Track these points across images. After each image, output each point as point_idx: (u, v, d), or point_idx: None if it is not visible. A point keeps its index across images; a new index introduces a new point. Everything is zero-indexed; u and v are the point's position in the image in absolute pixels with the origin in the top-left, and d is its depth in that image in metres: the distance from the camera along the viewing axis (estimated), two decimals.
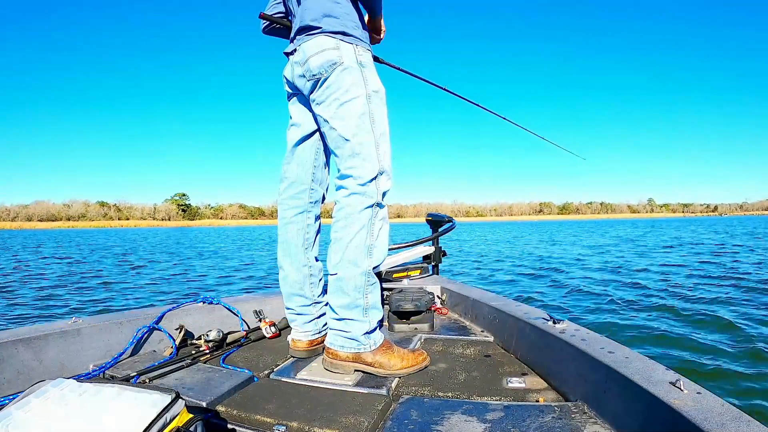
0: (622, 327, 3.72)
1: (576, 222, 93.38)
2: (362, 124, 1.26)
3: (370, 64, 1.32)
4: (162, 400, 0.78)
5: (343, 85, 1.26)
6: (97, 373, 1.30)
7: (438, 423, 0.95)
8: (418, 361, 1.30)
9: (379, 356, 1.26)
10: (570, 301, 5.05)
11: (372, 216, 1.27)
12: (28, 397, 0.77)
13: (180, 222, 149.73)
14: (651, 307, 4.48)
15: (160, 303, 5.26)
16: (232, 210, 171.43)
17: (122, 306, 5.36)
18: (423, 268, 2.49)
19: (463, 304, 1.93)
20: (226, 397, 1.12)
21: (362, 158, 1.26)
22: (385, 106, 1.33)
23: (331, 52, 1.26)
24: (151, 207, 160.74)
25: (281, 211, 1.49)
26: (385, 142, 1.31)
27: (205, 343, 1.48)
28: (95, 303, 5.58)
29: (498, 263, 9.89)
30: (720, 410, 0.70)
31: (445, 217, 2.62)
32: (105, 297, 6.05)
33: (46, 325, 1.36)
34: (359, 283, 1.25)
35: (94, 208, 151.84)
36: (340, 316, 1.27)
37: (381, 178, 1.28)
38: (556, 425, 0.91)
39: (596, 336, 1.13)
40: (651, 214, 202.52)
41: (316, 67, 1.27)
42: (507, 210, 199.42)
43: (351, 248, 1.25)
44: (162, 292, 6.50)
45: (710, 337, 3.32)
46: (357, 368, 1.27)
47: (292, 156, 1.46)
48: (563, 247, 14.87)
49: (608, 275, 7.14)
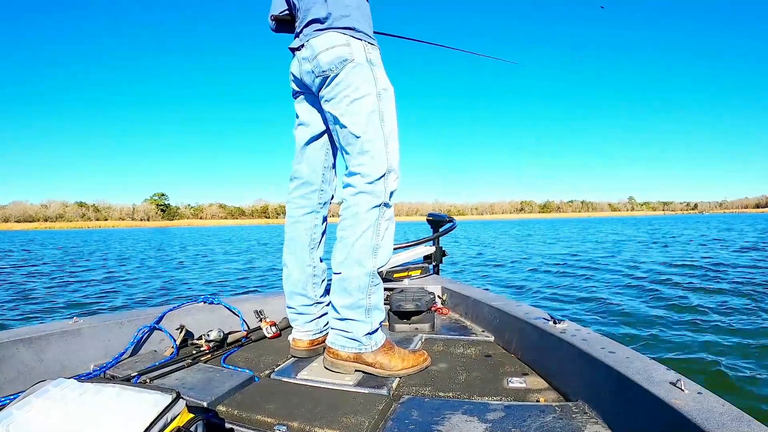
0: (627, 328, 3.72)
1: (558, 220, 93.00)
2: (372, 122, 1.25)
3: (379, 62, 1.31)
4: (163, 400, 0.78)
5: (354, 83, 1.24)
6: (97, 373, 1.30)
7: (439, 423, 0.94)
8: (419, 361, 1.30)
9: (380, 357, 1.26)
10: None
11: (379, 216, 1.26)
12: (29, 397, 0.77)
13: (159, 222, 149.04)
14: (659, 306, 4.48)
15: (159, 303, 5.26)
16: (212, 210, 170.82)
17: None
18: (424, 268, 2.49)
19: (463, 304, 1.93)
20: (226, 397, 1.12)
21: (371, 156, 1.25)
22: (394, 104, 1.32)
23: (342, 48, 1.24)
24: (130, 207, 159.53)
25: (290, 209, 1.49)
26: (394, 140, 1.30)
27: (205, 343, 1.48)
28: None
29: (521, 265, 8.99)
30: (721, 410, 0.70)
31: (445, 217, 2.62)
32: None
33: (46, 325, 1.37)
34: (363, 284, 1.25)
35: (73, 208, 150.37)
36: (342, 315, 1.27)
37: (389, 176, 1.27)
38: (557, 425, 0.91)
39: (597, 336, 1.13)
40: (632, 212, 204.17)
41: (326, 64, 1.25)
42: (488, 209, 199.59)
43: (357, 248, 1.24)
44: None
45: (711, 336, 3.32)
46: (358, 368, 1.27)
47: (302, 156, 1.45)
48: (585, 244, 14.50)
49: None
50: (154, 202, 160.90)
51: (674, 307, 4.38)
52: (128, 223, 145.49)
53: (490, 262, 9.99)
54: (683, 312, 4.16)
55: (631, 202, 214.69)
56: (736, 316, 3.93)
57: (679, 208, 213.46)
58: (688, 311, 4.18)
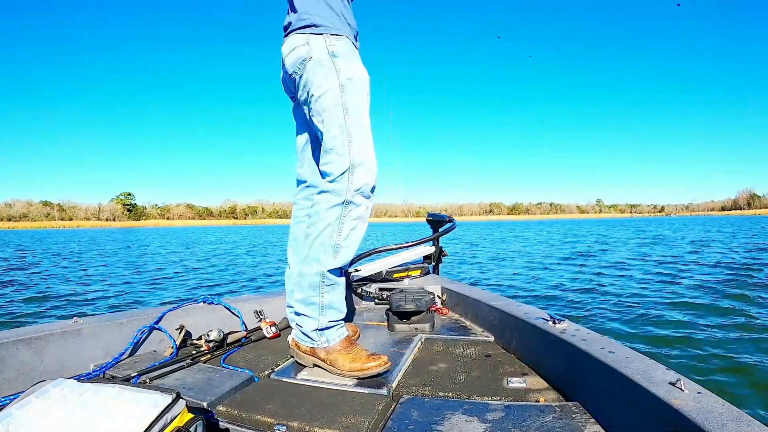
0: (625, 326, 3.72)
1: (527, 222, 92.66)
2: (334, 118, 1.23)
3: (345, 51, 1.26)
4: (162, 400, 0.78)
5: (315, 80, 1.23)
6: (97, 374, 1.30)
7: (439, 423, 0.95)
8: (369, 366, 1.22)
9: (333, 354, 1.27)
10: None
11: (341, 215, 1.24)
12: (29, 397, 0.77)
13: (125, 222, 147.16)
14: (659, 305, 4.48)
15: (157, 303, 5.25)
16: (179, 210, 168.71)
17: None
18: (423, 268, 2.49)
19: (463, 304, 1.93)
20: (226, 397, 1.12)
21: (335, 152, 1.23)
22: (363, 93, 1.27)
23: (301, 48, 1.24)
24: (95, 207, 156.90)
25: (295, 210, 1.54)
26: (361, 133, 1.25)
27: (205, 343, 1.48)
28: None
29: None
30: (721, 410, 0.70)
31: (445, 217, 2.62)
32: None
33: (46, 325, 1.36)
34: (314, 282, 1.26)
35: (37, 207, 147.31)
36: (296, 310, 1.32)
37: (355, 172, 1.23)
38: (557, 425, 0.91)
39: (597, 336, 1.13)
40: (599, 214, 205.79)
41: (290, 67, 1.27)
42: (457, 210, 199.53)
43: (315, 246, 1.25)
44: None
45: (711, 337, 3.32)
46: (315, 363, 1.30)
47: (303, 160, 1.49)
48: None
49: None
50: (120, 201, 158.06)
51: (675, 305, 4.39)
52: (93, 223, 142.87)
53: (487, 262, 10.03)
54: (683, 312, 4.16)
55: (599, 205, 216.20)
56: (737, 315, 3.93)
57: (646, 211, 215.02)
58: (688, 311, 4.18)
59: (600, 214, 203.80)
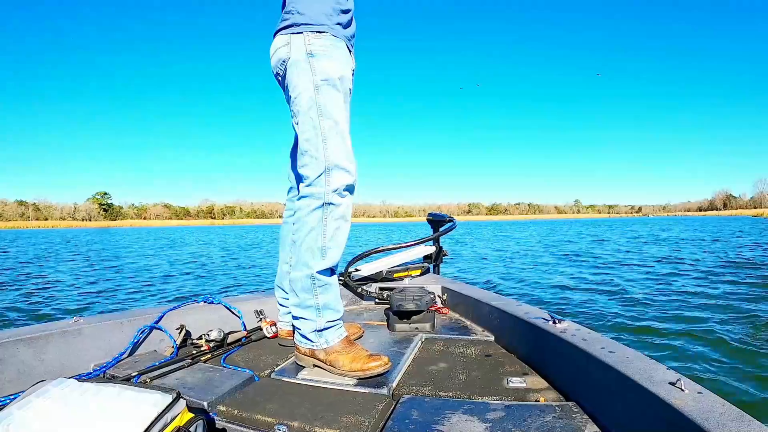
0: (625, 326, 3.72)
1: (506, 222, 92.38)
2: (308, 120, 1.22)
3: (324, 49, 1.23)
4: (163, 399, 0.78)
5: (292, 81, 1.23)
6: (98, 373, 1.30)
7: (439, 423, 0.95)
8: (369, 366, 1.22)
9: (333, 355, 1.27)
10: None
11: (323, 217, 1.24)
12: (29, 396, 0.77)
13: (101, 222, 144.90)
14: (653, 305, 4.48)
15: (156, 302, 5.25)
16: (156, 210, 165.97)
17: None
18: (424, 267, 2.49)
19: (463, 303, 1.93)
20: (226, 396, 1.12)
21: (310, 155, 1.23)
22: (339, 92, 1.25)
23: (282, 50, 1.24)
24: (71, 206, 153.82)
25: (285, 212, 1.59)
26: (336, 134, 1.23)
27: (205, 342, 1.48)
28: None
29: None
30: (721, 410, 0.70)
31: (446, 217, 2.62)
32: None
33: (47, 324, 1.37)
34: (306, 285, 1.27)
35: (12, 207, 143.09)
36: (294, 314, 1.33)
37: (332, 174, 1.22)
38: (557, 425, 0.91)
39: (597, 336, 1.13)
40: (577, 214, 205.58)
41: (273, 69, 1.28)
42: (436, 210, 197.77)
43: (302, 250, 1.27)
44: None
45: (712, 337, 3.31)
46: (315, 364, 1.31)
47: (292, 163, 1.52)
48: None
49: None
50: (96, 201, 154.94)
51: (675, 304, 4.38)
52: (69, 223, 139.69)
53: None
54: (683, 311, 4.16)
55: (577, 205, 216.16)
56: (736, 316, 3.93)
57: (624, 211, 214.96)
58: (689, 311, 4.18)
59: (578, 215, 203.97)
